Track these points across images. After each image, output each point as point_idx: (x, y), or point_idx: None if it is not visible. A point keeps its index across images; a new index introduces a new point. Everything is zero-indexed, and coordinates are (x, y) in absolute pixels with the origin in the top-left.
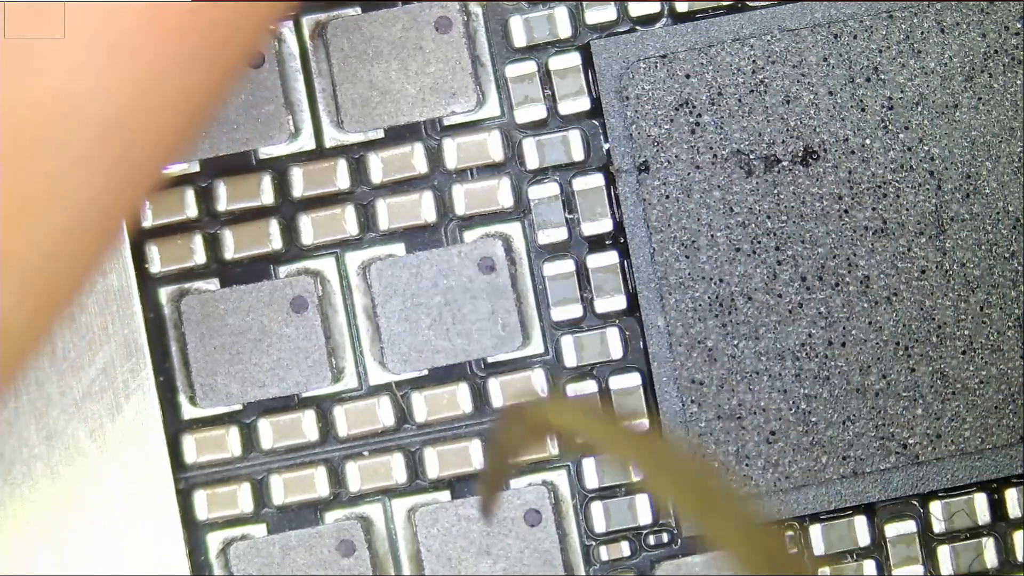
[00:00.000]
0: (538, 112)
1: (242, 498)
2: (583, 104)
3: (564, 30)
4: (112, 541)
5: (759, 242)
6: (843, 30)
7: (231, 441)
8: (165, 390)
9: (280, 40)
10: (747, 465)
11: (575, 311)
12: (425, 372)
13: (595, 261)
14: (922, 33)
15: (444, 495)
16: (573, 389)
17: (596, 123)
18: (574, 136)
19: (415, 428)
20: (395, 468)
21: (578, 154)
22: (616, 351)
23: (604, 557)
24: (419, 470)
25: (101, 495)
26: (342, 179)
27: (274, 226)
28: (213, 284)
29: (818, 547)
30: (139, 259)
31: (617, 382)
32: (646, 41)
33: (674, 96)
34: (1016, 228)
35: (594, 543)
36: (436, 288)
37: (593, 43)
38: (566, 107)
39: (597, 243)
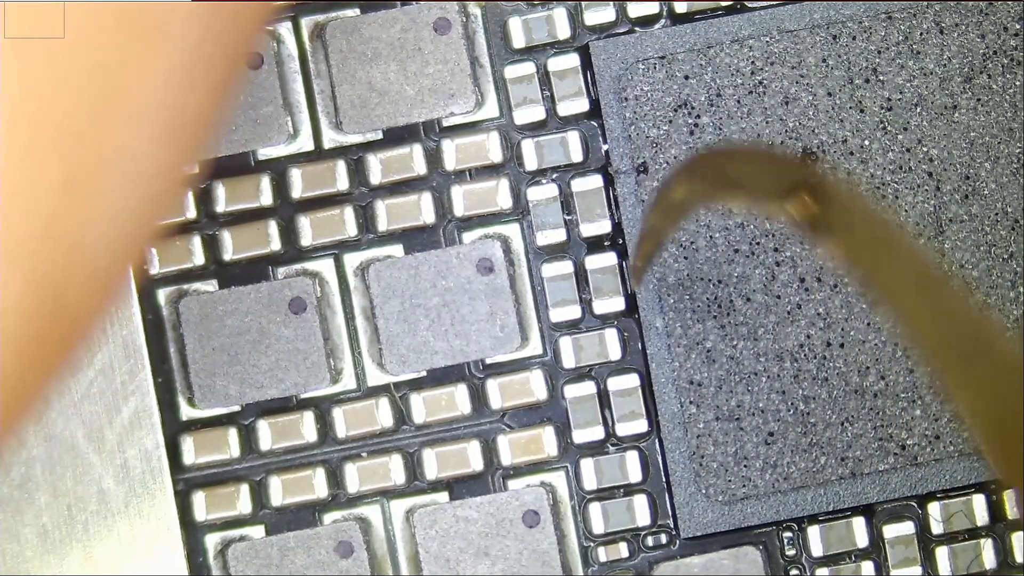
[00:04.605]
0: (537, 113)
1: (240, 499)
2: (582, 105)
3: (563, 31)
4: (111, 541)
5: (757, 243)
6: (842, 31)
7: (230, 442)
8: (163, 391)
9: (279, 41)
10: (746, 466)
11: (574, 312)
12: (423, 373)
13: (594, 262)
14: (921, 34)
15: (443, 496)
16: (571, 390)
17: (595, 124)
18: (573, 137)
19: (413, 429)
20: (393, 469)
21: (577, 155)
22: (615, 352)
23: (602, 558)
24: (417, 471)
25: (100, 495)
26: (341, 180)
27: (273, 227)
28: (212, 285)
29: (817, 548)
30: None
31: (616, 383)
32: (645, 42)
33: (673, 97)
34: (1015, 229)
35: (592, 544)
36: (435, 289)
37: (592, 44)
38: (565, 108)
39: (596, 244)
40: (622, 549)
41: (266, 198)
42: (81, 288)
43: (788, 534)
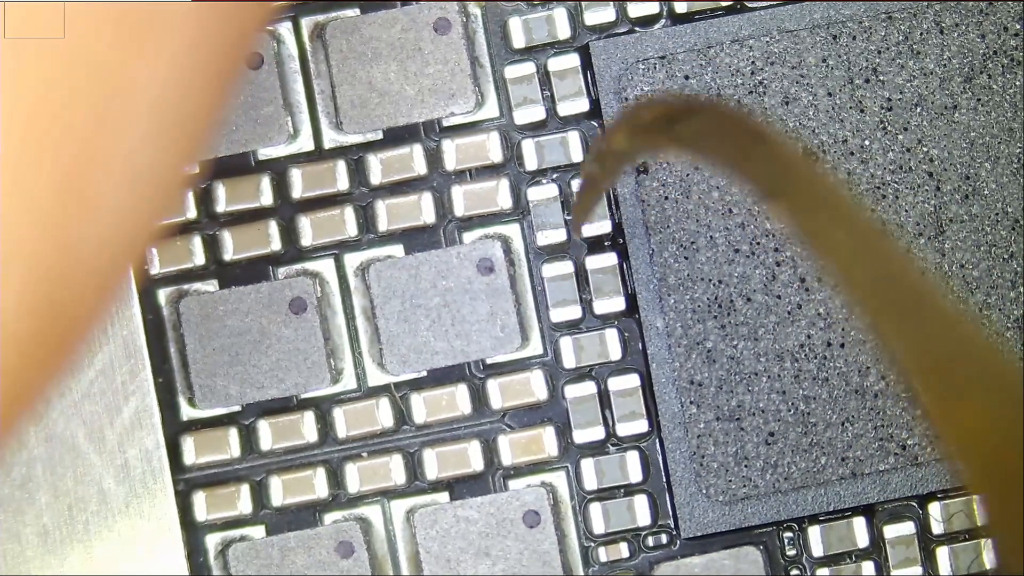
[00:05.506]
0: (537, 113)
1: (241, 499)
2: (582, 105)
3: (563, 31)
4: (112, 541)
5: (758, 243)
6: (842, 31)
7: (230, 442)
8: (164, 391)
9: (279, 41)
10: (746, 466)
11: (574, 312)
12: (424, 373)
13: (594, 262)
14: (921, 34)
15: (443, 496)
16: (572, 390)
17: (595, 124)
18: (573, 137)
19: (414, 429)
20: (394, 469)
21: (577, 155)
22: (615, 352)
23: (603, 558)
24: (418, 471)
25: (101, 495)
26: (341, 180)
27: (273, 227)
28: (212, 285)
29: (817, 548)
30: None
31: (616, 383)
32: (645, 42)
33: None
34: (1015, 229)
35: (593, 544)
36: (435, 289)
37: (592, 44)
38: (565, 108)
39: (596, 244)
40: (623, 549)
41: (266, 198)
42: (80, 287)
43: (789, 534)
